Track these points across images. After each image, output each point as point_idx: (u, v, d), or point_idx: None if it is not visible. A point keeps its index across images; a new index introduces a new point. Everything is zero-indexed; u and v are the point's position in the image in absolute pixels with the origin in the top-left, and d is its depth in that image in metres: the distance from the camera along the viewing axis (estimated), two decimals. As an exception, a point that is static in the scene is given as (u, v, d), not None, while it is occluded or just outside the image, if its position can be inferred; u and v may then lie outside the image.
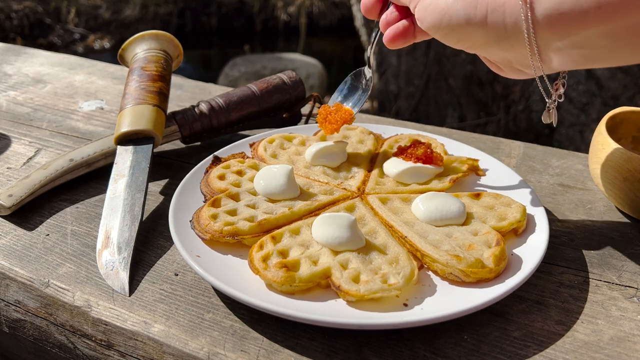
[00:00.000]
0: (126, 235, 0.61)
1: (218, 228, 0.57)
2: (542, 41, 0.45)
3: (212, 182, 0.66)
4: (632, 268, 0.58)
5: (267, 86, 0.85)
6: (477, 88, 2.74)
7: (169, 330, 0.51)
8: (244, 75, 4.00)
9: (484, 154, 0.74)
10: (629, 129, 0.72)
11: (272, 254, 0.54)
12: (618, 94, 2.35)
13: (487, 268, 0.52)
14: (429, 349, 0.49)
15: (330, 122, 0.71)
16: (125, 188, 0.66)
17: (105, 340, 0.54)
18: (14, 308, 0.59)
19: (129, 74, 0.80)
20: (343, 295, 0.50)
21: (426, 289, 0.53)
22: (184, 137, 0.80)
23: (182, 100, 1.03)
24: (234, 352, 0.49)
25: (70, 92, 1.06)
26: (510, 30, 0.46)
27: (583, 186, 0.74)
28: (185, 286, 0.56)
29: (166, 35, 0.85)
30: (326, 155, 0.71)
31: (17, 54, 1.26)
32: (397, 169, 0.68)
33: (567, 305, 0.54)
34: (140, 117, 0.73)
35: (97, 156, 0.75)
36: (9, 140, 0.87)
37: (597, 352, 0.48)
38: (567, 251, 0.61)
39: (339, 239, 0.54)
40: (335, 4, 5.46)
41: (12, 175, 0.77)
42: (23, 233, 0.65)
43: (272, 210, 0.61)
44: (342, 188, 0.67)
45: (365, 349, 0.49)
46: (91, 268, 0.59)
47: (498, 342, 0.49)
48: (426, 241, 0.55)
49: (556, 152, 0.83)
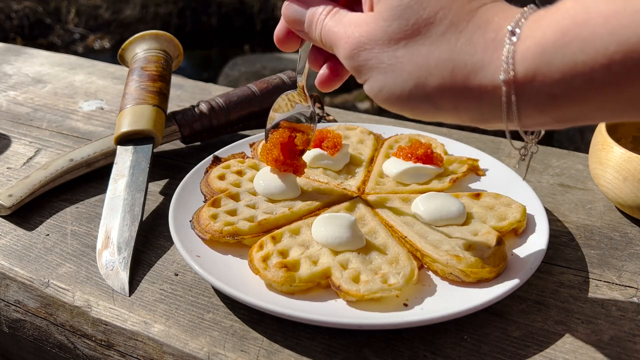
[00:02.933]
0: (126, 235, 0.61)
1: (218, 228, 0.57)
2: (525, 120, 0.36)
3: (212, 182, 0.66)
4: (632, 268, 0.58)
5: (267, 86, 0.85)
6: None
7: (169, 330, 0.51)
8: (244, 75, 4.00)
9: (484, 154, 0.74)
10: (629, 129, 0.72)
11: (272, 254, 0.54)
12: (618, 94, 2.34)
13: (487, 268, 0.52)
14: (429, 349, 0.49)
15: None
16: (125, 188, 0.66)
17: (105, 340, 0.54)
18: (14, 308, 0.59)
19: (129, 74, 0.80)
20: (343, 295, 0.50)
21: (426, 289, 0.53)
22: (184, 137, 0.80)
23: (182, 100, 1.03)
24: (234, 352, 0.49)
25: (70, 92, 1.06)
26: (486, 114, 0.37)
27: (583, 186, 0.74)
28: (185, 286, 0.56)
29: (166, 35, 0.85)
30: (326, 160, 0.70)
31: (17, 54, 1.26)
32: (397, 169, 0.68)
33: (567, 305, 0.54)
34: (140, 117, 0.72)
35: (97, 156, 0.75)
36: (9, 140, 0.87)
37: (597, 352, 0.48)
38: (567, 251, 0.61)
39: (339, 239, 0.54)
40: (335, 3, 5.45)
41: (12, 175, 0.77)
42: (23, 233, 0.65)
43: (272, 210, 0.61)
44: (342, 188, 0.67)
45: (365, 349, 0.49)
46: (91, 268, 0.59)
47: (498, 342, 0.49)
48: (426, 241, 0.55)
49: (556, 152, 0.83)
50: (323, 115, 0.93)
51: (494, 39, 0.35)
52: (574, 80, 0.32)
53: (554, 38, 0.32)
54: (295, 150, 0.62)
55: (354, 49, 0.40)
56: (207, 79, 1.32)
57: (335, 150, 0.70)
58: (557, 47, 0.32)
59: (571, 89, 0.32)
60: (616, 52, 0.30)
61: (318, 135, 0.71)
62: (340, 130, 0.79)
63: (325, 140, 0.71)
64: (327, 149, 0.70)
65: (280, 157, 0.62)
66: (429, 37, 0.37)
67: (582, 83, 0.32)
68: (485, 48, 0.35)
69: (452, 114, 0.38)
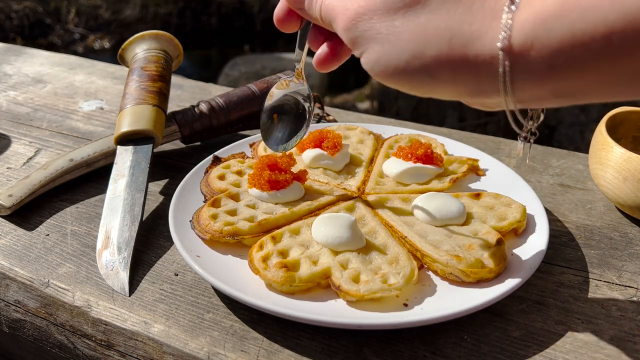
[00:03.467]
0: (126, 235, 0.61)
1: (218, 228, 0.57)
2: (522, 93, 0.36)
3: (212, 182, 0.66)
4: (632, 268, 0.59)
5: (267, 86, 0.85)
6: (477, 88, 2.74)
7: (169, 330, 0.51)
8: (244, 75, 4.00)
9: (484, 154, 0.74)
10: (629, 129, 0.72)
11: (272, 254, 0.54)
12: (618, 94, 2.35)
13: (487, 268, 0.52)
14: (429, 349, 0.49)
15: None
16: (125, 188, 0.66)
17: (105, 340, 0.54)
18: (14, 308, 0.59)
19: (129, 74, 0.80)
20: (343, 295, 0.50)
21: (426, 289, 0.53)
22: (184, 137, 0.80)
23: (182, 100, 1.03)
24: (234, 352, 0.49)
25: (70, 92, 1.06)
26: (484, 85, 0.36)
27: (583, 186, 0.74)
28: (185, 286, 0.56)
29: (166, 35, 0.85)
30: (326, 160, 0.70)
31: (17, 54, 1.26)
32: (397, 169, 0.68)
33: (567, 305, 0.54)
34: (140, 117, 0.72)
35: (97, 156, 0.75)
36: (9, 140, 0.87)
37: (597, 352, 0.48)
38: (567, 251, 0.61)
39: (339, 239, 0.54)
40: (335, 4, 5.45)
41: (12, 175, 0.77)
42: (23, 233, 0.65)
43: (272, 210, 0.61)
44: (342, 188, 0.67)
45: (365, 349, 0.49)
46: (91, 268, 0.59)
47: (498, 342, 0.49)
48: (426, 241, 0.55)
49: (556, 152, 0.83)
50: (323, 115, 0.93)
51: (493, 8, 0.34)
52: (573, 50, 0.31)
53: (554, 7, 0.32)
54: (281, 169, 0.63)
55: (352, 19, 0.40)
56: (207, 79, 1.31)
57: (335, 150, 0.70)
58: (556, 16, 0.32)
59: (570, 59, 0.32)
60: (616, 22, 0.30)
61: (318, 136, 0.71)
62: (340, 130, 0.79)
63: (325, 141, 0.71)
64: (327, 149, 0.70)
65: (273, 177, 0.62)
66: (427, 5, 0.37)
67: (581, 53, 0.31)
68: (484, 17, 0.35)
69: (449, 86, 0.38)
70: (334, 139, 0.70)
